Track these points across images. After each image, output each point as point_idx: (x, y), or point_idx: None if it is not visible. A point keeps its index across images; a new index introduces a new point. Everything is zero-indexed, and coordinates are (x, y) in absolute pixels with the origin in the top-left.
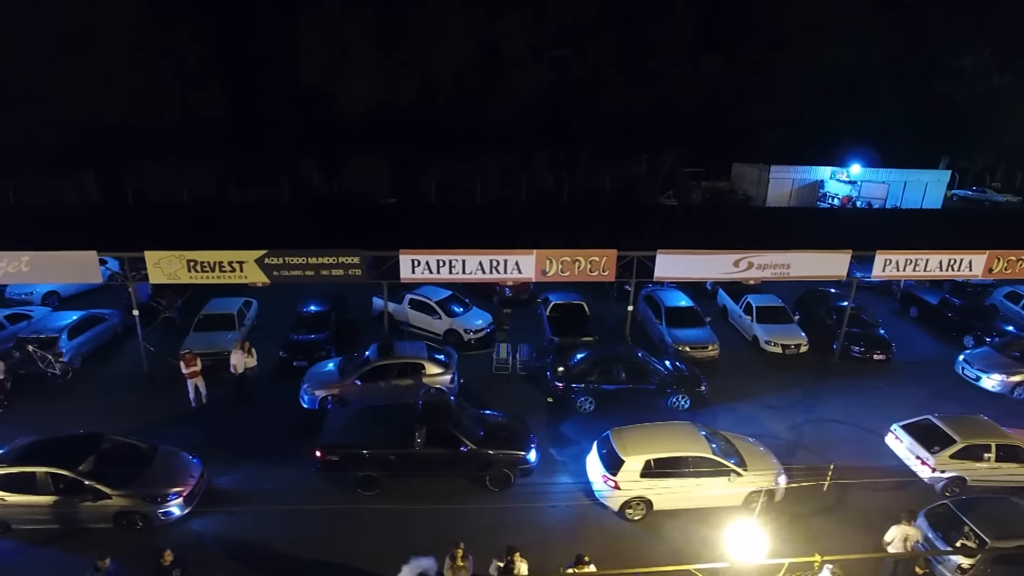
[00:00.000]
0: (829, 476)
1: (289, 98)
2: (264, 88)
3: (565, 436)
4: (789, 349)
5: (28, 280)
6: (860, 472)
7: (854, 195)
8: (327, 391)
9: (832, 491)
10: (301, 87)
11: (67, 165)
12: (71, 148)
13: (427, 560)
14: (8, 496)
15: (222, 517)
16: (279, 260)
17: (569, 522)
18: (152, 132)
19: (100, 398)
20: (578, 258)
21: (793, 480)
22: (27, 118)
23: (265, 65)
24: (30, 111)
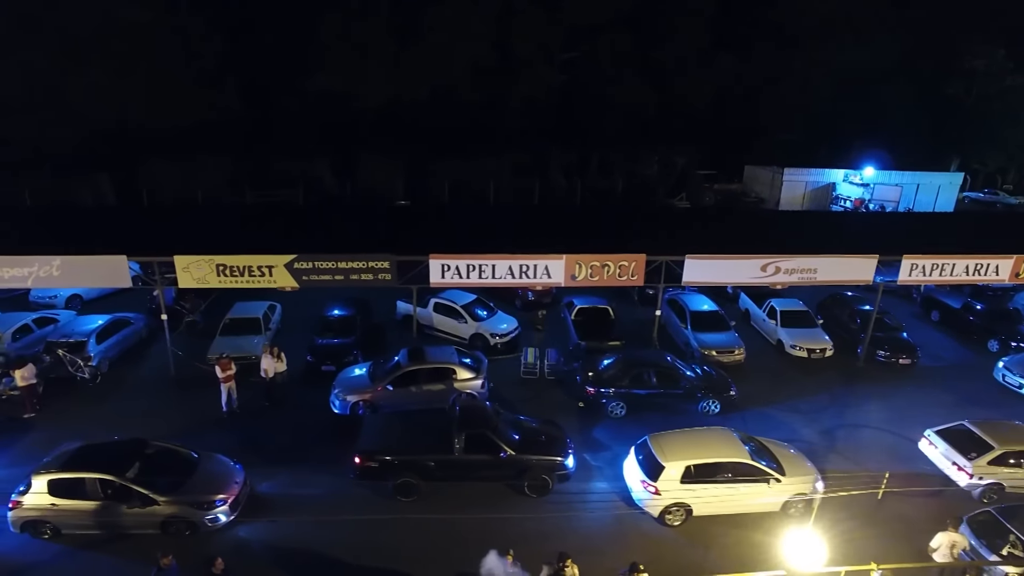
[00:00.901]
0: (884, 484)
1: (303, 99)
2: (279, 89)
3: (598, 441)
4: (814, 353)
5: (59, 284)
6: (896, 478)
7: (867, 198)
8: (358, 396)
9: (868, 496)
10: (315, 88)
11: (83, 166)
12: (87, 149)
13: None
14: (58, 501)
15: (265, 523)
16: (308, 264)
17: (608, 528)
18: (167, 133)
19: (129, 402)
20: (607, 263)
21: (842, 488)
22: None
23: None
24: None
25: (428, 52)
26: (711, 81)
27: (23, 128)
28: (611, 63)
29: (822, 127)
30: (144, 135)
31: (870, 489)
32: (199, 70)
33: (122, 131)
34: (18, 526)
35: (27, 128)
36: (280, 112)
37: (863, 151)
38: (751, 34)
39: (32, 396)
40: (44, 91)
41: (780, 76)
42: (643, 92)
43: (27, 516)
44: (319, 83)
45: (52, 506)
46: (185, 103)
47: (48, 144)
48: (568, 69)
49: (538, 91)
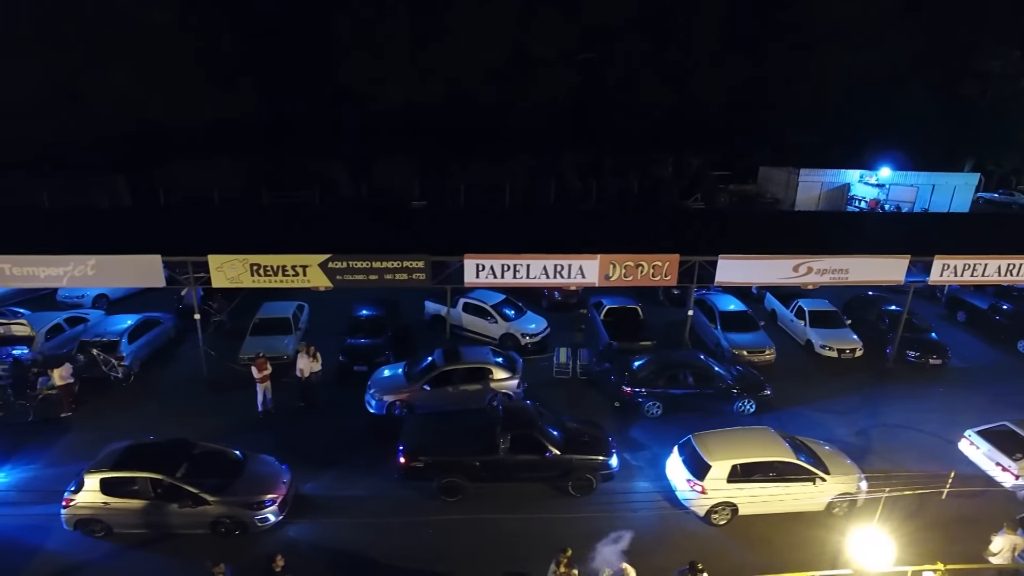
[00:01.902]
0: (948, 483)
1: (320, 100)
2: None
3: (636, 441)
4: (844, 353)
5: (93, 284)
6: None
7: (882, 198)
8: (395, 396)
9: (910, 497)
10: (332, 89)
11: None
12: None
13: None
14: (110, 500)
15: (313, 524)
16: (343, 264)
17: (654, 527)
18: (183, 134)
19: (163, 402)
20: (641, 262)
21: (896, 487)
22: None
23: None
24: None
25: (444, 53)
26: (726, 82)
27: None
28: (626, 64)
29: (837, 128)
30: (161, 136)
31: (934, 488)
32: (216, 71)
33: (139, 133)
34: (71, 524)
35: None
36: (296, 113)
37: (879, 152)
38: (766, 36)
39: (69, 395)
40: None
41: (795, 77)
42: (658, 93)
43: (80, 514)
44: (336, 84)
45: (104, 504)
46: (202, 104)
47: (66, 145)
48: (584, 70)
49: (554, 92)
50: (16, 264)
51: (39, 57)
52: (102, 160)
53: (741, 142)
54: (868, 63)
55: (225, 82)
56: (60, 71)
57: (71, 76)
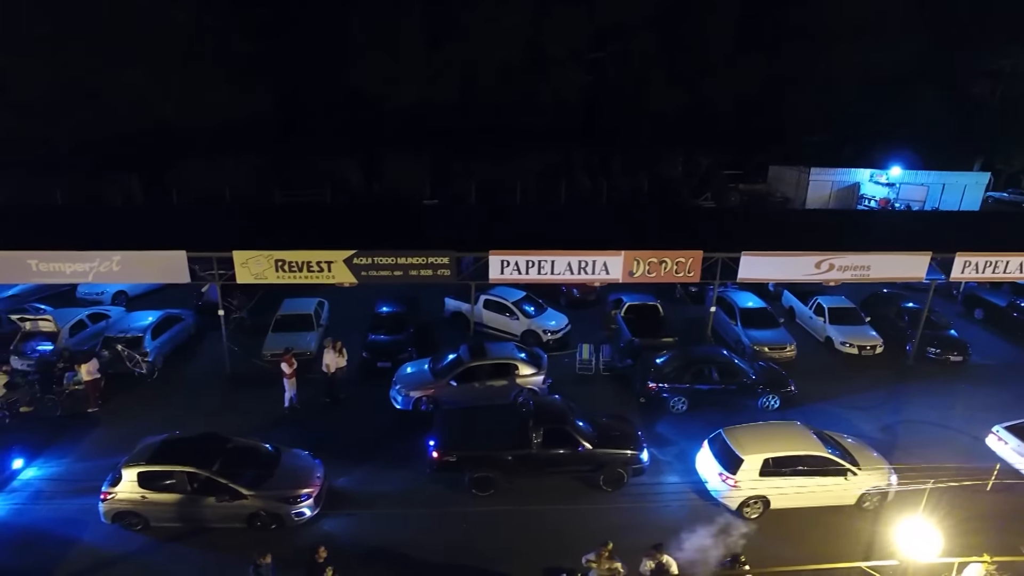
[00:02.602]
0: (994, 476)
1: (331, 99)
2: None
3: (662, 436)
4: (865, 350)
5: (118, 280)
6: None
7: (892, 197)
8: (421, 392)
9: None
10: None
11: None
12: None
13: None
14: (148, 494)
15: (348, 518)
16: (368, 260)
17: (687, 521)
18: (195, 133)
19: (188, 398)
20: (664, 259)
21: (942, 480)
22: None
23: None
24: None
25: (456, 52)
26: (737, 81)
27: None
28: (637, 63)
29: (848, 127)
30: (174, 135)
31: (980, 480)
32: (228, 70)
33: (151, 131)
34: (109, 517)
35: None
36: (308, 112)
37: (889, 151)
38: (776, 35)
39: (95, 391)
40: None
41: (805, 77)
42: (669, 92)
43: (118, 507)
44: (347, 83)
45: (142, 498)
46: (213, 103)
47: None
48: (594, 69)
49: (564, 91)
50: (43, 260)
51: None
52: (115, 159)
53: (751, 141)
54: (879, 62)
55: (237, 81)
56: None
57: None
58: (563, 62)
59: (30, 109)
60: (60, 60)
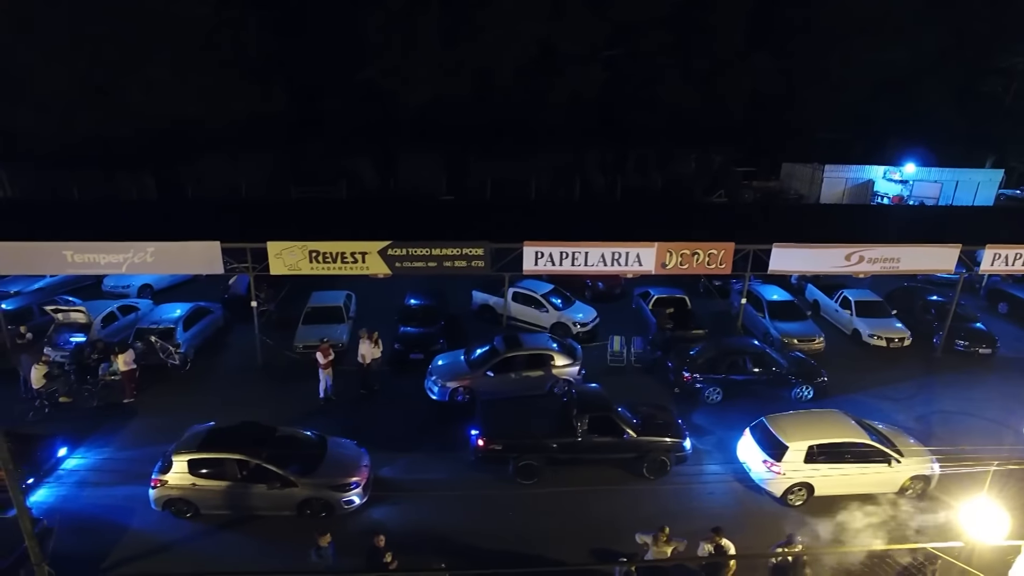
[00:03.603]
0: None
1: (346, 96)
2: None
3: (699, 426)
4: (893, 343)
5: (152, 270)
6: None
7: (905, 194)
8: (458, 382)
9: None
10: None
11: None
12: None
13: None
14: (199, 481)
15: (397, 506)
16: (402, 251)
17: (732, 508)
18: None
19: (222, 390)
20: (697, 251)
21: (1007, 462)
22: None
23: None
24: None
25: (471, 50)
26: (750, 79)
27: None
28: (650, 61)
29: (861, 124)
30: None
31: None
32: (243, 67)
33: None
34: (160, 504)
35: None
36: (323, 108)
37: (903, 148)
38: (790, 32)
39: (131, 381)
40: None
41: (819, 74)
42: (682, 90)
43: (169, 495)
44: (363, 80)
45: (193, 485)
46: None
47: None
48: (608, 67)
49: (578, 89)
50: (78, 251)
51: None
52: (129, 154)
53: (764, 138)
54: (892, 59)
55: (252, 78)
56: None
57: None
58: (577, 60)
59: (46, 104)
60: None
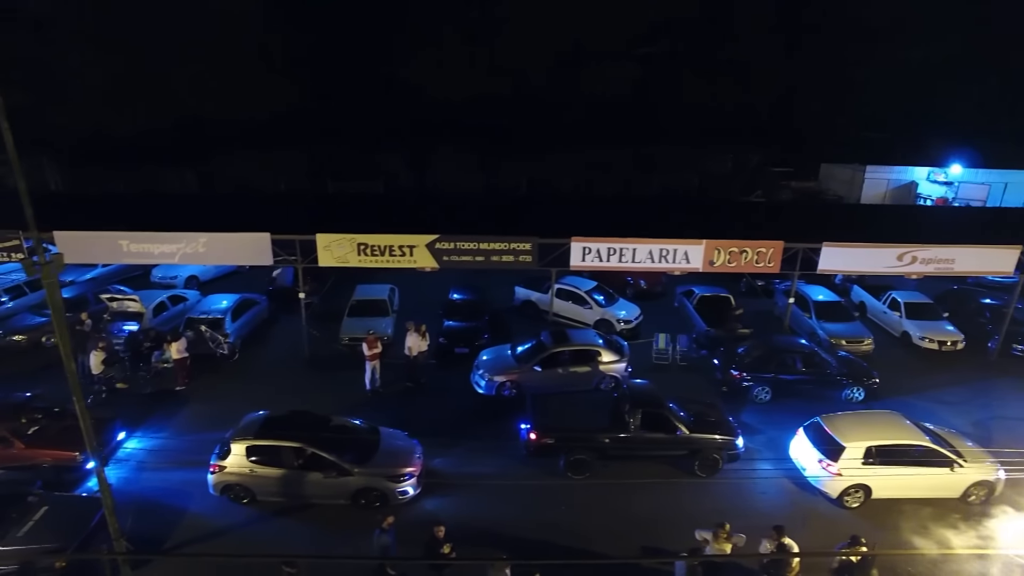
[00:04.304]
0: None
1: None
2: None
3: (748, 425)
4: (945, 346)
5: (204, 260)
6: None
7: (950, 196)
8: (505, 377)
9: None
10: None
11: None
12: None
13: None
14: (257, 468)
15: (449, 498)
16: (450, 245)
17: (784, 507)
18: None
19: (269, 379)
20: (745, 249)
21: None
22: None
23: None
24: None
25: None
26: (787, 77)
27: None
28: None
29: (903, 124)
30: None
31: None
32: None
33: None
34: (218, 489)
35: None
36: (358, 105)
37: (947, 148)
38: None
39: (183, 369)
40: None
41: (858, 73)
42: (718, 88)
43: (227, 480)
44: (398, 76)
45: (251, 472)
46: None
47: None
48: (644, 64)
49: (614, 86)
50: (133, 241)
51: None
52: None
53: (803, 138)
54: (937, 57)
55: (289, 74)
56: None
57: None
58: (613, 57)
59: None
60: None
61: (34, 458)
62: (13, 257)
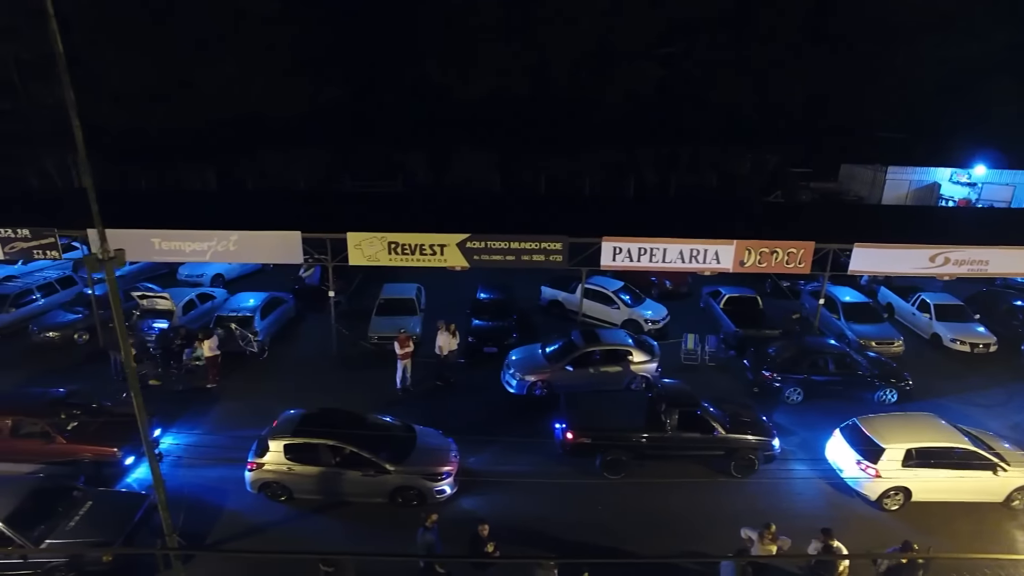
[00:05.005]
0: None
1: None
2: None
3: (781, 426)
4: (977, 348)
5: (234, 258)
6: None
7: (973, 198)
8: (537, 376)
9: None
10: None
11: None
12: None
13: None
14: (295, 466)
15: (485, 496)
16: (481, 244)
17: (822, 509)
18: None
19: (299, 377)
20: (776, 249)
21: None
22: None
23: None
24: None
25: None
26: (808, 77)
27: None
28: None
29: (925, 125)
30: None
31: None
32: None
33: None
34: (256, 487)
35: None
36: (379, 103)
37: (971, 149)
38: (851, 28)
39: (215, 367)
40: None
41: (879, 73)
42: (739, 88)
43: (264, 478)
44: (419, 75)
45: (289, 469)
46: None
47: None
48: (666, 64)
49: (635, 86)
50: (164, 238)
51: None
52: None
53: (823, 139)
54: (960, 56)
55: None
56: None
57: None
58: (634, 57)
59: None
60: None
61: (75, 453)
62: (48, 255)
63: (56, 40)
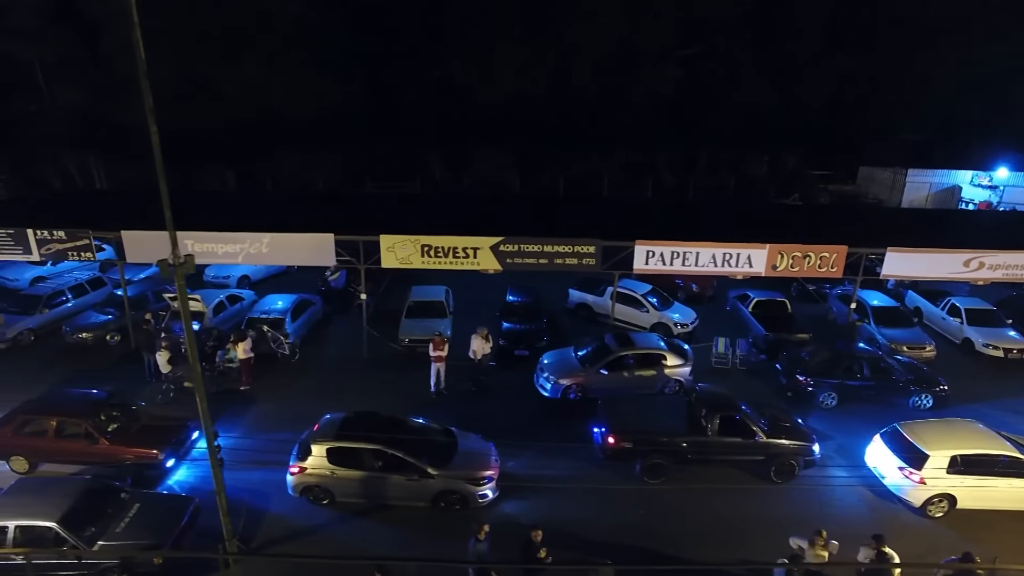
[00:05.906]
0: None
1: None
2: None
3: (816, 430)
4: (1012, 353)
5: (266, 260)
6: None
7: (994, 201)
8: (571, 380)
9: None
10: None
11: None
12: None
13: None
14: (338, 470)
15: (527, 501)
16: (514, 247)
17: (864, 515)
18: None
19: (331, 379)
20: (808, 253)
21: None
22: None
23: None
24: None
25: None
26: (828, 80)
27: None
28: (728, 60)
29: (946, 127)
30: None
31: None
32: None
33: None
34: (298, 490)
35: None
36: (398, 104)
37: (992, 152)
38: (872, 30)
39: (248, 369)
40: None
41: (900, 75)
42: (760, 90)
43: (307, 482)
44: (439, 76)
45: (331, 473)
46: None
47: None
48: (685, 66)
49: (654, 87)
50: (198, 241)
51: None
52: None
53: (842, 141)
54: (981, 57)
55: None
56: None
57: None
58: (653, 58)
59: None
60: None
61: (117, 455)
62: (83, 256)
63: (138, 46)
